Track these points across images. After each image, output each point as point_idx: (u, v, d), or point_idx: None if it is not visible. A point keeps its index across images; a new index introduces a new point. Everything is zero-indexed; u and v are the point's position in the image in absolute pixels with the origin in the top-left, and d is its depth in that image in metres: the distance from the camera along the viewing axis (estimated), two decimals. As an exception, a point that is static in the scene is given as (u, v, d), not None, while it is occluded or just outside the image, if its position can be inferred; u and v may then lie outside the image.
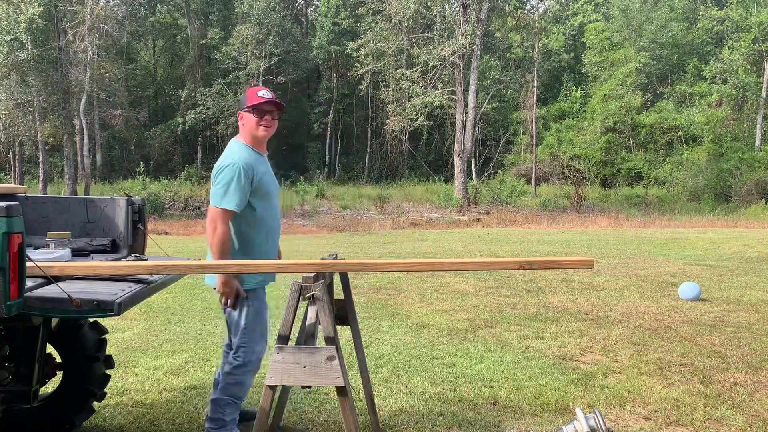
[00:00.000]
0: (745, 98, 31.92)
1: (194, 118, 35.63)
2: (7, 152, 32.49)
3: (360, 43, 30.53)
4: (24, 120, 27.46)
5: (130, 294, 2.49)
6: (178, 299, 7.22)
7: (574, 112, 39.04)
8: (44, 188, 27.06)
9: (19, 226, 2.26)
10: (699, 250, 13.29)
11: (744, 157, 28.72)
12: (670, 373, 4.57)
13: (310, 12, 47.79)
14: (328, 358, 2.71)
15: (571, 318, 6.34)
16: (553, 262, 3.26)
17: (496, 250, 12.91)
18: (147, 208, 3.61)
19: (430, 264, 2.96)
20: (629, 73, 35.19)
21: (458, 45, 27.05)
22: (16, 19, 25.24)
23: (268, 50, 34.73)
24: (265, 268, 3.00)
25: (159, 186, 25.91)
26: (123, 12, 32.67)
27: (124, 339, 5.38)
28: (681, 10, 38.81)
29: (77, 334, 3.31)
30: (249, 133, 3.30)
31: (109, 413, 3.75)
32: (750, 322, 6.26)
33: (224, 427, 3.22)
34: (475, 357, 4.93)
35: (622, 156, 34.62)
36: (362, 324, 3.63)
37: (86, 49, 27.31)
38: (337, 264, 2.99)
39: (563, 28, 43.84)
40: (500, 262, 3.46)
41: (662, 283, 8.59)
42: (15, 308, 2.26)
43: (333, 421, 3.64)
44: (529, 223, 21.84)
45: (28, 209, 3.37)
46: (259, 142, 3.32)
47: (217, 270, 2.95)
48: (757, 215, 22.62)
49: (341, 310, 3.39)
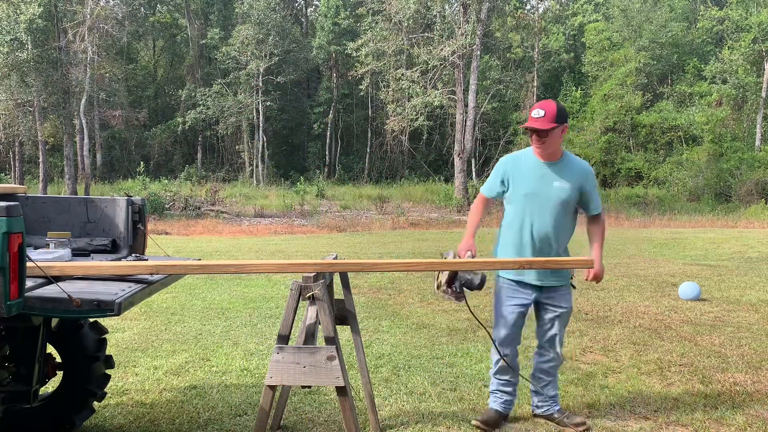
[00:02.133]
0: (745, 98, 31.90)
1: (194, 118, 35.62)
2: (7, 152, 32.49)
3: (360, 43, 30.51)
4: (24, 120, 27.47)
5: (130, 294, 2.49)
6: (178, 299, 7.22)
7: (574, 112, 38.99)
8: (44, 188, 27.06)
9: (19, 226, 2.26)
10: (699, 250, 13.28)
11: (744, 157, 28.71)
12: (670, 373, 4.57)
13: (310, 12, 47.78)
14: (328, 358, 2.71)
15: (571, 318, 6.34)
16: (554, 262, 3.29)
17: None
18: (147, 208, 3.60)
19: (430, 264, 2.96)
20: (629, 73, 35.16)
21: (458, 45, 27.05)
22: (16, 19, 25.25)
23: (268, 50, 34.71)
24: (266, 268, 2.99)
25: (159, 186, 25.89)
26: (123, 12, 32.68)
27: (124, 339, 5.38)
28: (681, 10, 38.77)
29: (77, 334, 3.31)
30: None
31: (109, 413, 3.75)
32: (750, 322, 6.26)
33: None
34: (475, 357, 4.93)
35: (622, 156, 34.59)
36: (362, 324, 3.63)
37: (86, 49, 27.32)
38: (337, 264, 2.99)
39: (563, 28, 43.81)
40: (501, 262, 3.47)
41: (662, 283, 8.59)
42: (15, 308, 2.26)
43: (333, 421, 3.64)
44: (529, 223, 21.79)
45: (28, 209, 3.37)
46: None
47: (216, 270, 2.95)
48: (757, 215, 22.62)
49: (341, 310, 3.39)
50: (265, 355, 4.89)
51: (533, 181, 3.49)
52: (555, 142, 3.41)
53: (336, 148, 39.58)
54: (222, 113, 35.66)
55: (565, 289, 3.59)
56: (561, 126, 3.40)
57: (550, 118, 3.36)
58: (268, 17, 35.02)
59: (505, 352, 3.56)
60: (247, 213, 24.67)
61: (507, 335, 3.57)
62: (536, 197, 3.47)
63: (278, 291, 7.87)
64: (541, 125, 3.35)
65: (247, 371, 4.55)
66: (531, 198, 3.47)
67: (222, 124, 35.88)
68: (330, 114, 38.53)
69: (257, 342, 5.37)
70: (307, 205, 26.15)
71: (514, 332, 3.57)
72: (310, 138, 40.27)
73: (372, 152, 39.09)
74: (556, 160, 3.49)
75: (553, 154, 3.47)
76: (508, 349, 3.58)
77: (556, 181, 3.44)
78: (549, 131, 3.36)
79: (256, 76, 34.98)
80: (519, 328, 3.59)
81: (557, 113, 3.37)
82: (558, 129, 3.39)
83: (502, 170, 3.59)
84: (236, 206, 26.16)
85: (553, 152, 3.47)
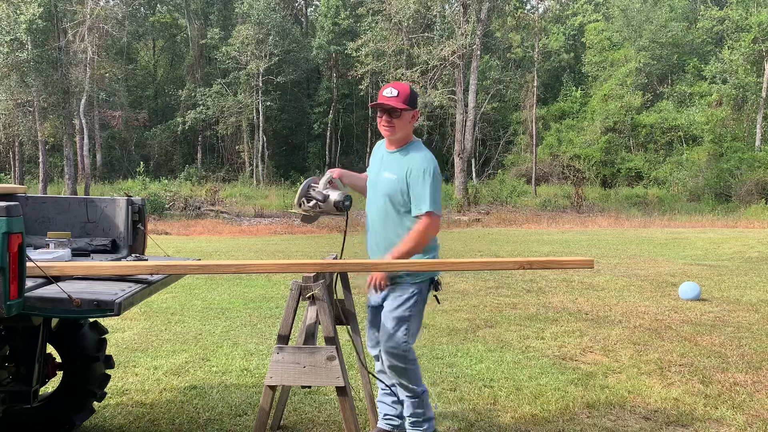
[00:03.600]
0: (745, 98, 31.91)
1: (194, 118, 35.64)
2: (7, 152, 32.52)
3: (360, 43, 30.54)
4: (24, 120, 27.48)
5: (130, 294, 2.49)
6: (178, 299, 7.22)
7: (574, 112, 39.03)
8: (44, 188, 27.07)
9: (19, 226, 2.26)
10: (699, 250, 13.29)
11: (744, 157, 28.72)
12: (670, 373, 4.57)
13: (310, 12, 47.79)
14: (328, 358, 2.71)
15: (571, 318, 6.34)
16: (554, 262, 3.26)
17: (496, 250, 12.90)
18: (147, 208, 3.61)
19: (430, 264, 2.96)
20: (629, 73, 35.19)
21: (458, 45, 27.06)
22: (16, 20, 25.27)
23: (268, 50, 34.73)
24: (266, 268, 2.99)
25: (159, 186, 25.91)
26: (123, 12, 32.71)
27: (124, 339, 5.38)
28: (681, 10, 38.80)
29: (77, 334, 3.31)
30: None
31: (109, 413, 3.75)
32: (750, 322, 6.26)
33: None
34: (475, 357, 4.93)
35: (622, 156, 34.62)
36: (362, 324, 3.63)
37: (86, 49, 27.33)
38: (337, 264, 2.99)
39: (563, 28, 43.83)
40: (501, 261, 3.46)
41: (662, 283, 8.59)
42: (15, 308, 2.26)
43: (333, 421, 3.64)
44: (529, 223, 21.84)
45: (28, 209, 3.37)
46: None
47: (215, 270, 2.95)
48: (757, 215, 22.63)
49: (341, 310, 3.39)
50: (265, 355, 4.89)
51: (374, 169, 3.30)
52: (404, 126, 3.14)
53: (336, 148, 39.60)
54: (222, 113, 35.67)
55: (400, 290, 3.17)
56: (412, 110, 3.16)
57: (403, 98, 3.11)
58: (268, 17, 35.04)
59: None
60: (247, 213, 24.68)
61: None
62: (372, 186, 3.29)
63: (278, 291, 7.87)
64: (395, 103, 3.08)
65: (247, 371, 4.55)
66: (370, 186, 3.31)
67: (222, 124, 35.90)
68: (330, 114, 38.55)
69: (257, 342, 5.37)
70: (307, 205, 26.10)
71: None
72: (310, 138, 40.29)
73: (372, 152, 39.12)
74: (398, 149, 3.22)
75: (399, 140, 3.20)
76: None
77: (386, 171, 3.19)
78: (402, 111, 3.10)
79: (256, 76, 35.00)
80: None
81: (410, 95, 3.14)
82: (409, 113, 3.15)
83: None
84: (236, 206, 26.18)
85: (400, 138, 3.19)
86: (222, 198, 27.24)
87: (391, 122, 3.12)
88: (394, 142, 3.21)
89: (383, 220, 3.20)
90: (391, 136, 3.17)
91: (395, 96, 3.10)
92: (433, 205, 3.07)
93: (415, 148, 3.18)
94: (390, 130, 3.14)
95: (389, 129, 3.14)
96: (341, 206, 3.06)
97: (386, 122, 3.13)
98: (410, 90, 3.16)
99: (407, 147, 3.19)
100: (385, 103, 3.10)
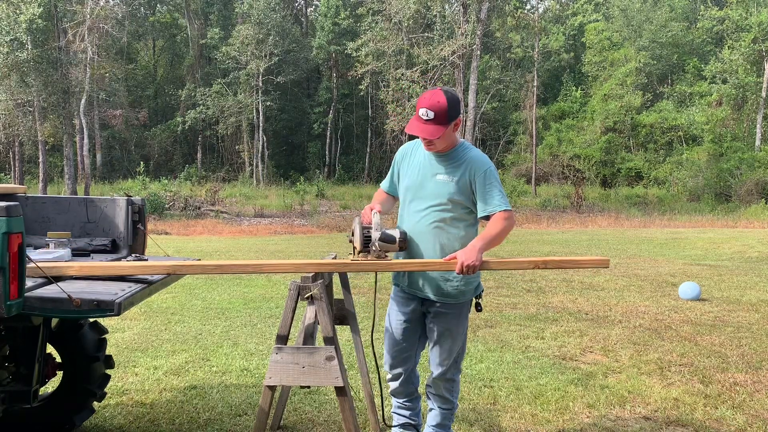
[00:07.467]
0: (745, 98, 31.90)
1: (194, 118, 35.63)
2: (7, 152, 32.49)
3: (360, 43, 30.52)
4: (24, 120, 27.47)
5: (130, 294, 2.49)
6: (178, 299, 7.22)
7: (574, 112, 39.01)
8: (44, 188, 27.06)
9: (19, 226, 2.26)
10: (699, 250, 13.28)
11: (744, 157, 28.71)
12: (670, 373, 4.57)
13: (310, 12, 47.78)
14: (327, 358, 2.71)
15: (571, 318, 6.34)
16: (570, 262, 3.18)
17: (496, 249, 12.87)
18: (147, 208, 3.61)
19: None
20: (629, 72, 35.18)
21: (458, 45, 27.05)
22: (16, 19, 25.25)
23: (268, 50, 34.72)
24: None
25: (159, 186, 25.89)
26: (123, 12, 32.70)
27: (124, 339, 5.38)
28: (681, 9, 38.80)
29: (77, 334, 3.31)
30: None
31: (109, 413, 3.75)
32: (750, 322, 6.26)
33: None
34: (475, 357, 4.93)
35: (622, 156, 34.61)
36: (362, 324, 3.63)
37: (86, 49, 27.32)
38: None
39: (563, 28, 43.82)
40: (516, 261, 3.43)
41: (662, 283, 8.60)
42: (15, 308, 2.26)
43: (333, 421, 3.64)
44: (529, 222, 21.83)
45: (28, 209, 3.37)
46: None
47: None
48: (757, 215, 22.61)
49: (341, 310, 3.39)
50: (265, 355, 4.89)
51: (413, 174, 3.06)
52: (447, 139, 2.91)
53: (336, 148, 39.60)
54: (222, 113, 35.66)
55: (457, 308, 3.04)
56: (452, 124, 2.86)
57: (441, 119, 2.81)
58: (268, 17, 35.03)
59: (397, 372, 3.18)
60: (247, 213, 24.67)
61: (394, 350, 3.17)
62: (415, 191, 3.05)
63: (278, 291, 7.87)
64: (431, 134, 2.82)
65: (247, 371, 4.55)
66: (411, 191, 3.05)
67: (222, 124, 35.88)
68: (330, 114, 38.54)
69: (257, 342, 5.37)
70: (307, 205, 26.15)
71: (401, 348, 3.14)
72: (310, 138, 40.28)
73: (372, 152, 39.09)
74: (447, 151, 2.99)
75: (447, 146, 2.98)
76: (400, 368, 3.17)
77: (438, 174, 2.96)
78: (439, 137, 2.85)
79: (256, 76, 34.98)
80: (408, 343, 3.15)
81: (448, 111, 2.81)
82: (449, 128, 2.86)
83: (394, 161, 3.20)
84: (236, 206, 26.17)
85: (448, 145, 2.97)
86: (222, 198, 27.23)
87: (431, 143, 2.91)
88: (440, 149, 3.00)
89: (433, 223, 2.96)
90: (435, 150, 2.98)
91: (431, 120, 2.81)
92: (508, 203, 2.96)
93: (467, 148, 3.01)
94: (432, 148, 2.96)
95: (431, 148, 2.95)
96: (404, 245, 2.92)
97: (427, 145, 2.95)
98: (448, 104, 2.81)
99: (457, 148, 2.98)
100: (423, 138, 2.89)
